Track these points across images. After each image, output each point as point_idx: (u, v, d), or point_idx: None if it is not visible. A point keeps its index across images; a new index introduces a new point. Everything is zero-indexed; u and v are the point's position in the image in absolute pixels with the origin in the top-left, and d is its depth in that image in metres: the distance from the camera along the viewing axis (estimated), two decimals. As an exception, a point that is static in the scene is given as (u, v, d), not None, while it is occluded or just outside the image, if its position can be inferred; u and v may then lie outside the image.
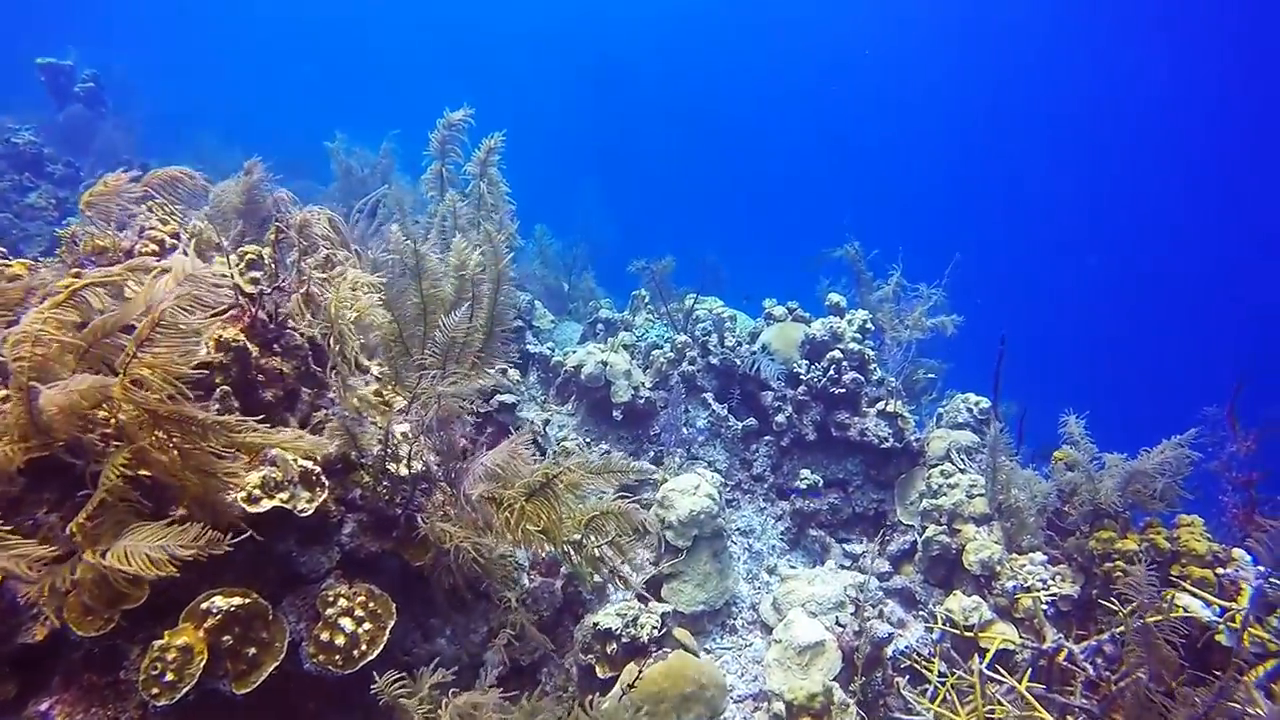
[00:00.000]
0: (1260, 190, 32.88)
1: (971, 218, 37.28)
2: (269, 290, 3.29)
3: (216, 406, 2.84)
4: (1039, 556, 4.78)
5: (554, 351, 7.30)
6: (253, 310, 3.22)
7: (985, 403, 6.77)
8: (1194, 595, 4.23)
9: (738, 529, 5.78)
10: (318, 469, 3.06)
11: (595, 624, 3.93)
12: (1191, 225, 34.30)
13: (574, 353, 6.73)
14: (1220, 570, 4.36)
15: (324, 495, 3.04)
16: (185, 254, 3.47)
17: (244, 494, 2.79)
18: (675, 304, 7.64)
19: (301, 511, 2.92)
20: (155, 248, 3.78)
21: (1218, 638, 4.08)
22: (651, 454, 6.16)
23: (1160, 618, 3.60)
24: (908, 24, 38.52)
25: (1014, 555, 4.98)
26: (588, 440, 6.32)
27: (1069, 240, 36.51)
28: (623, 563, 3.23)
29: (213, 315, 3.05)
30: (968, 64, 38.37)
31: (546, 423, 5.13)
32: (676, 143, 39.99)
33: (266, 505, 2.82)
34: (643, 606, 4.07)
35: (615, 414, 6.27)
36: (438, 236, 5.83)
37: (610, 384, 6.21)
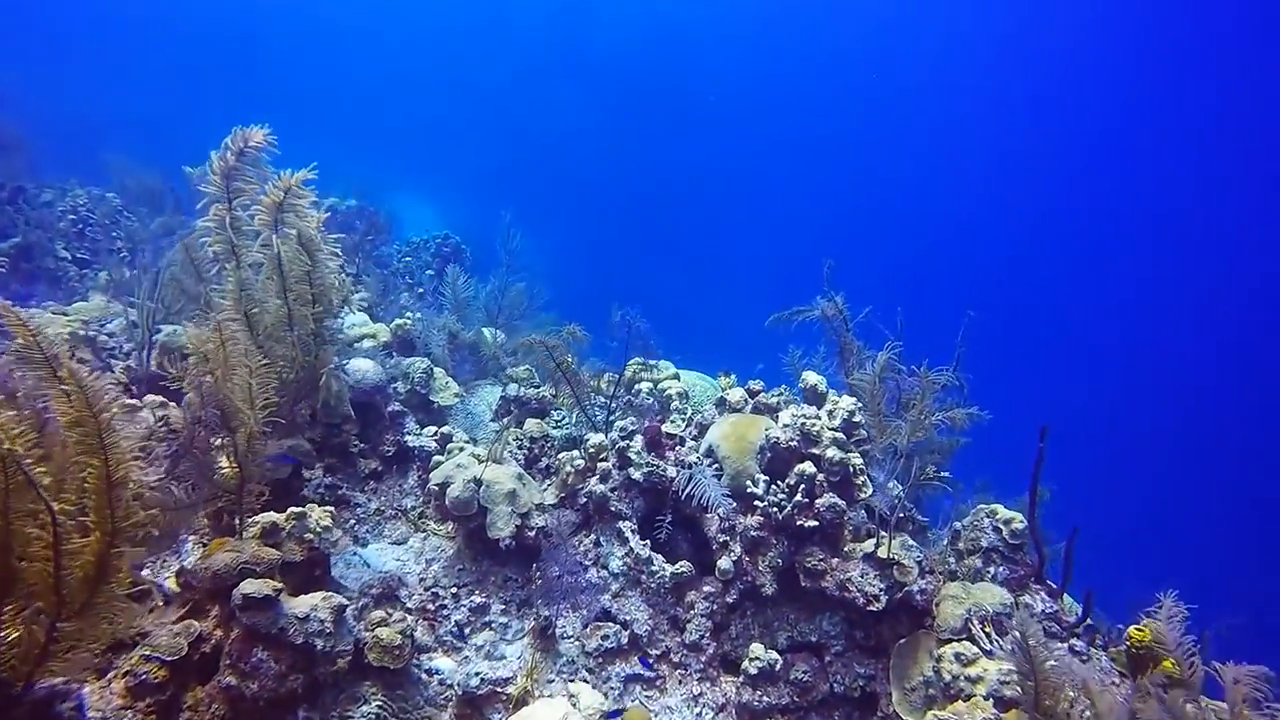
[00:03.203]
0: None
1: (984, 270, 33.73)
2: None
3: None
4: None
5: (441, 446, 5.52)
6: None
7: (1018, 522, 4.91)
8: None
9: (657, 738, 3.94)
10: None
11: None
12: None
13: (446, 458, 4.94)
14: None
15: None
16: None
17: None
18: (610, 376, 5.82)
19: None
20: None
21: None
22: (543, 613, 4.34)
23: None
24: (901, 49, 35.41)
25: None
26: (459, 585, 4.52)
27: (1105, 300, 32.85)
28: None
29: None
30: (978, 90, 34.86)
31: (340, 608, 3.30)
32: (623, 176, 36.26)
33: None
34: None
35: (503, 544, 4.47)
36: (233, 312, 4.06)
37: (486, 510, 4.40)
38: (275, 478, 4.24)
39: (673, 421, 5.58)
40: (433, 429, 5.75)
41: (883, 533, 4.33)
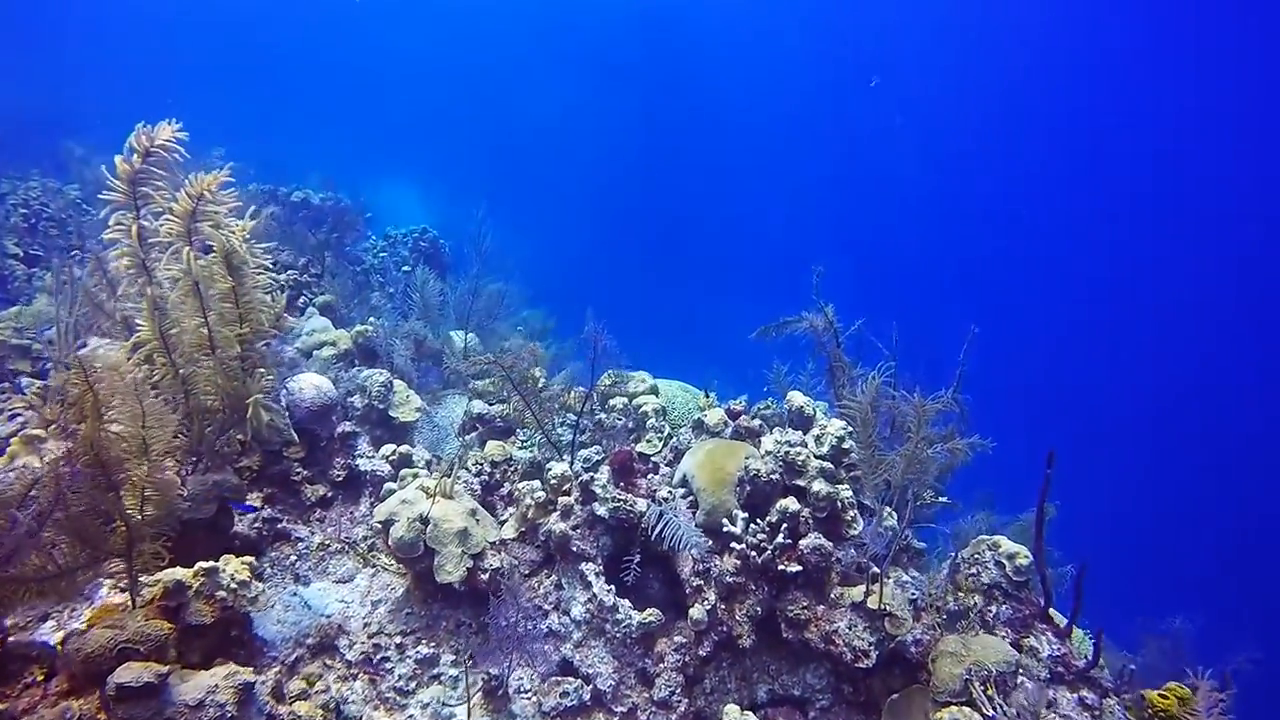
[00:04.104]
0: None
1: (979, 272, 32.77)
2: None
3: None
4: None
5: (397, 470, 5.10)
6: None
7: (1023, 557, 4.49)
8: None
9: (617, 815, 3.53)
10: None
11: None
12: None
13: (399, 486, 4.52)
14: None
15: None
16: None
17: None
18: (579, 391, 5.39)
19: None
20: None
21: None
22: (492, 671, 3.91)
23: None
24: (900, 47, 34.05)
25: None
26: (406, 632, 4.09)
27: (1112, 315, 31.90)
28: None
29: None
30: (974, 97, 33.38)
31: (246, 687, 2.85)
32: (617, 173, 35.23)
33: None
34: None
35: (457, 585, 4.04)
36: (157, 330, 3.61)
37: (434, 552, 3.97)
38: (197, 518, 3.81)
39: (648, 441, 5.17)
40: (391, 448, 5.32)
41: (875, 569, 3.90)
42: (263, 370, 3.97)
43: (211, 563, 3.17)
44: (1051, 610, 4.56)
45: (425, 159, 30.88)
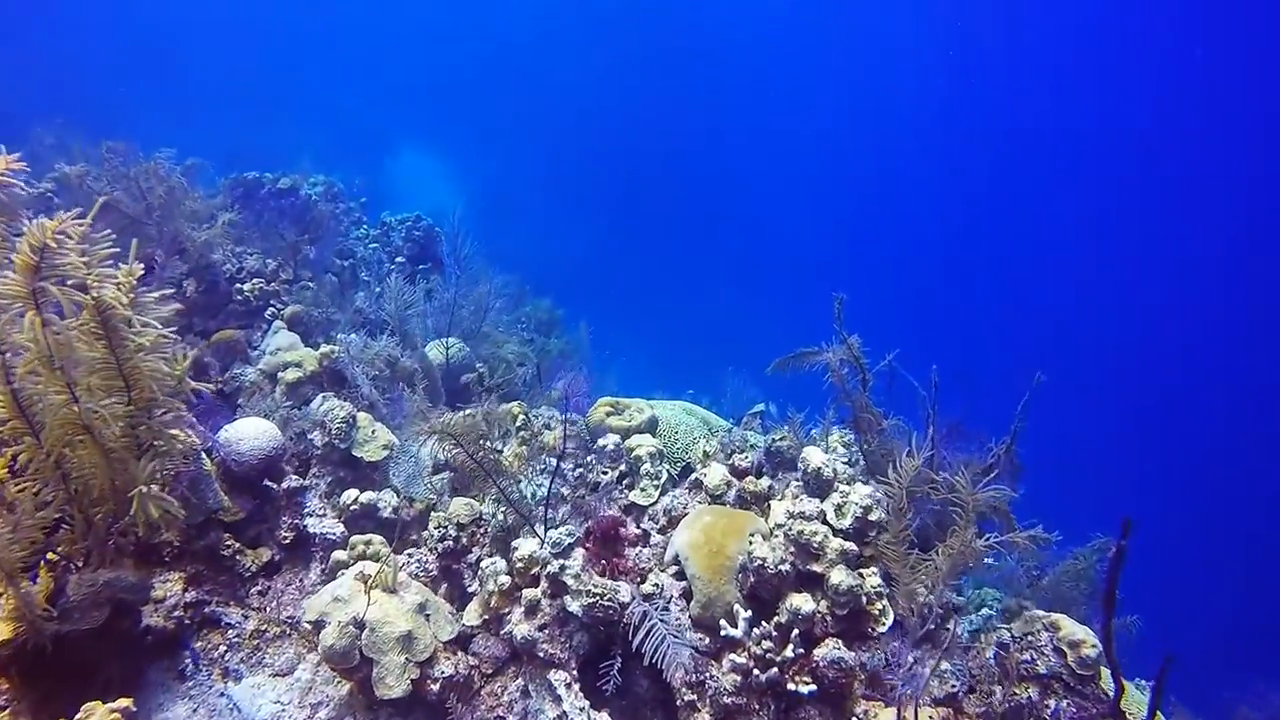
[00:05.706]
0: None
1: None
2: None
3: None
4: None
5: (350, 531, 4.43)
6: None
7: (1089, 647, 3.71)
8: None
9: None
10: None
11: None
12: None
13: (348, 554, 3.86)
14: None
15: None
16: None
17: None
18: (558, 423, 4.64)
19: None
20: None
21: None
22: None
23: None
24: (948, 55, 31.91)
25: None
26: (347, 748, 3.44)
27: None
28: None
29: None
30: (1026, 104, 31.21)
31: None
32: (640, 170, 33.30)
33: None
34: None
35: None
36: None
37: (373, 662, 3.29)
38: (84, 628, 3.17)
39: (641, 490, 4.42)
40: (352, 494, 4.65)
41: (908, 685, 3.15)
42: (160, 444, 3.27)
43: (66, 720, 2.51)
44: (1126, 689, 3.77)
45: (445, 131, 29.84)
